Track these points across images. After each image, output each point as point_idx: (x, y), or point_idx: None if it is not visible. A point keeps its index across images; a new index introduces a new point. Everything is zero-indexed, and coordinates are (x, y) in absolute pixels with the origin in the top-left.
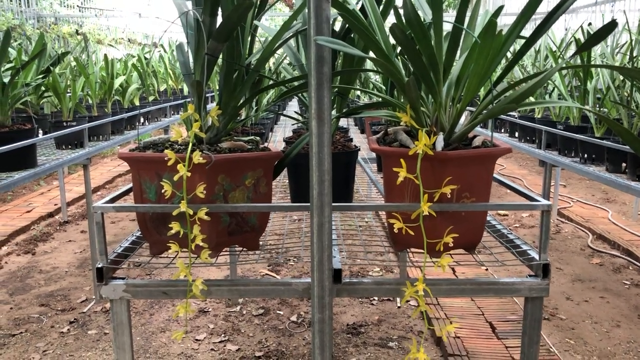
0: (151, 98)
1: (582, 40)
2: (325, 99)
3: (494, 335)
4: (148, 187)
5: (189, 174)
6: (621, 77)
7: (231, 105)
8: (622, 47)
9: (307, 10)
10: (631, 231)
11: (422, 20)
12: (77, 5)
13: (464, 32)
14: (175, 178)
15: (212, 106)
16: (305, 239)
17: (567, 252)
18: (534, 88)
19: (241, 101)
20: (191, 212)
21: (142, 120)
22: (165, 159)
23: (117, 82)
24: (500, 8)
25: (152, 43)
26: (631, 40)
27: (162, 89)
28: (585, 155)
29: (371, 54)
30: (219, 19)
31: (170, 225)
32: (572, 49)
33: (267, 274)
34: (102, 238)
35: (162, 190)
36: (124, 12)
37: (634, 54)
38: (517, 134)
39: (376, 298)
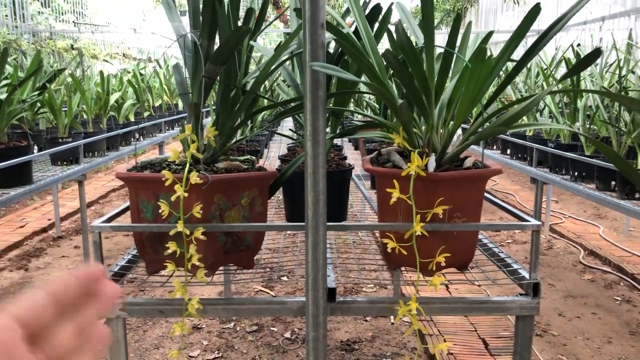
0: (146, 114)
1: (572, 59)
2: (320, 121)
3: (487, 352)
4: (145, 207)
5: (186, 195)
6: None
7: (228, 126)
8: (611, 65)
9: (302, 35)
10: (622, 247)
11: (415, 44)
12: (73, 21)
13: (455, 55)
14: (173, 198)
15: (207, 120)
16: (300, 255)
17: (559, 268)
18: (524, 111)
19: (238, 122)
20: (188, 232)
21: (137, 135)
22: (163, 179)
23: (113, 98)
24: (490, 33)
25: (147, 58)
26: (619, 59)
27: (157, 104)
28: (576, 173)
29: (364, 78)
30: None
31: (167, 245)
32: (563, 66)
33: (261, 290)
34: (99, 257)
35: (160, 210)
36: (119, 27)
37: (622, 73)
38: (508, 151)
39: (367, 297)
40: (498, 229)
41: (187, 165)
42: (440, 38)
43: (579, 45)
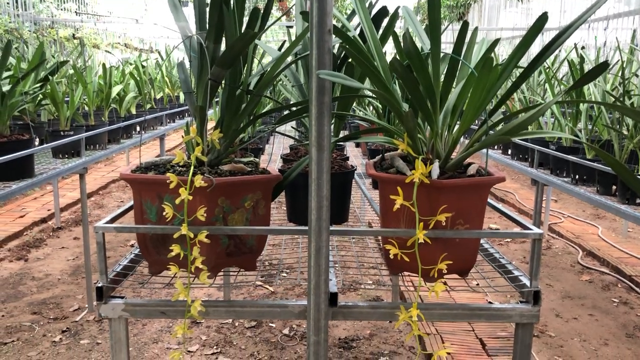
0: (148, 106)
1: (576, 59)
2: (326, 128)
3: (484, 352)
4: (149, 208)
5: (190, 198)
6: (612, 99)
7: (232, 129)
8: (614, 66)
9: (308, 39)
10: (620, 248)
11: (421, 49)
12: (75, 11)
13: (460, 61)
14: (177, 201)
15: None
16: (301, 252)
17: (557, 269)
18: (528, 121)
19: (242, 124)
20: (192, 235)
21: (137, 128)
22: (167, 181)
23: (115, 90)
24: (497, 41)
25: (149, 48)
26: (622, 62)
27: (158, 96)
28: (577, 176)
29: (368, 81)
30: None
31: (170, 248)
32: (565, 65)
33: (260, 285)
34: (102, 257)
35: (164, 213)
36: (121, 17)
37: (625, 75)
38: (510, 152)
39: (369, 302)
40: (500, 237)
41: (192, 168)
42: (444, 35)
43: (583, 48)
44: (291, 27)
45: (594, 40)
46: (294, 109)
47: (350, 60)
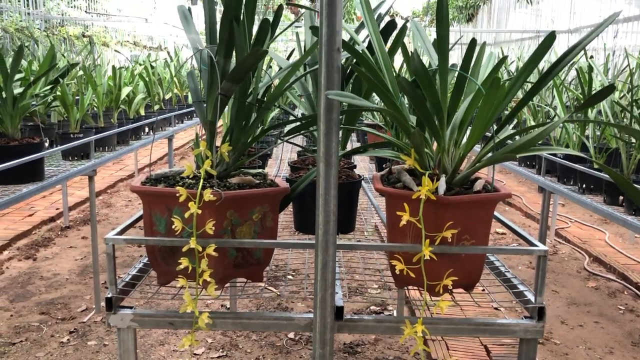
0: (156, 107)
1: (584, 64)
2: (334, 144)
3: (489, 359)
4: (158, 220)
5: (199, 212)
6: (620, 109)
7: (242, 141)
8: (622, 71)
9: (318, 56)
10: (627, 255)
11: (428, 65)
12: (85, 10)
13: (468, 76)
14: (186, 215)
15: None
16: (306, 254)
17: (563, 274)
18: (535, 140)
19: (251, 138)
20: (200, 249)
21: (146, 130)
22: (177, 195)
23: (124, 92)
24: (505, 58)
25: (157, 46)
26: (630, 70)
27: (167, 97)
28: (584, 185)
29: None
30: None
31: (179, 260)
32: (573, 73)
33: (266, 288)
34: (112, 268)
35: (173, 226)
36: (130, 17)
37: (634, 83)
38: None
39: (375, 316)
40: (505, 254)
41: (201, 182)
42: (452, 36)
43: (591, 57)
44: (300, 26)
45: (603, 45)
46: (303, 121)
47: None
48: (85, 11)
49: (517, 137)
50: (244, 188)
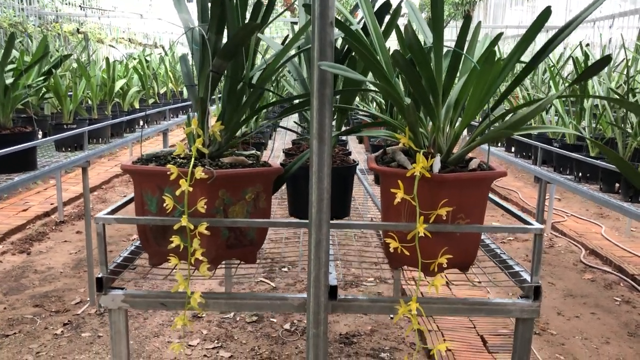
0: (151, 101)
1: (581, 57)
2: (327, 120)
3: (485, 349)
4: (149, 199)
5: (190, 189)
6: (617, 97)
7: (234, 121)
8: (619, 65)
9: (311, 32)
10: (623, 247)
11: (423, 43)
12: (80, 6)
13: (463, 54)
14: (178, 193)
15: (212, 108)
16: (302, 247)
17: (559, 267)
18: (531, 115)
19: (244, 117)
20: (192, 227)
21: (141, 123)
22: (168, 173)
23: (118, 85)
24: (500, 35)
25: (153, 43)
26: (627, 60)
27: (162, 91)
28: (580, 174)
29: (371, 75)
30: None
31: (170, 239)
32: (570, 63)
33: (262, 280)
34: (102, 249)
35: (164, 204)
36: (125, 12)
37: (630, 74)
38: (513, 149)
39: (369, 296)
40: (501, 232)
41: (192, 159)
42: (448, 32)
43: (587, 45)
44: (295, 23)
45: (599, 38)
46: (296, 101)
47: (352, 54)
48: (80, 7)
49: (512, 115)
50: (236, 168)
